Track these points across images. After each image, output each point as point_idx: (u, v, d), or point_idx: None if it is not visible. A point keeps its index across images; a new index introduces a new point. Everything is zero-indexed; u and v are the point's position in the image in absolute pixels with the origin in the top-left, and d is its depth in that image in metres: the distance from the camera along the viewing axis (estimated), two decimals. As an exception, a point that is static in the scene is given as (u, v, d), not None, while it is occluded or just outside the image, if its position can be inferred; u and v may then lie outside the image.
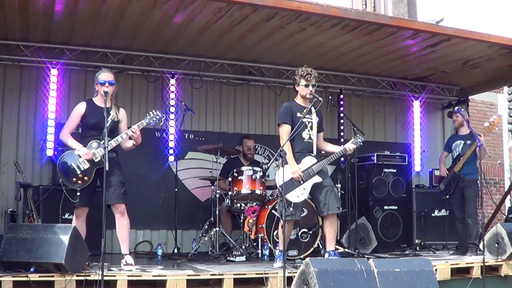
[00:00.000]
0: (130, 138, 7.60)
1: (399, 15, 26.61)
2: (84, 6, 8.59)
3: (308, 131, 8.11)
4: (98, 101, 7.69)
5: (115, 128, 7.63)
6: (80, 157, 7.39)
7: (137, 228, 10.93)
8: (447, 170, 10.38)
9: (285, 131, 8.02)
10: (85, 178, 7.40)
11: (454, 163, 10.24)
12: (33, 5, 8.59)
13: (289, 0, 8.68)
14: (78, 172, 7.39)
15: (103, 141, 7.03)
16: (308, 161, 8.00)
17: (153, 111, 7.72)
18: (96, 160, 7.40)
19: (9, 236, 6.66)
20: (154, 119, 7.68)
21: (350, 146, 8.22)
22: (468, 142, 9.96)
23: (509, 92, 18.00)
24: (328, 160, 8.14)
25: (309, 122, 8.12)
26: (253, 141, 11.13)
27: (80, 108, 7.64)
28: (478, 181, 9.97)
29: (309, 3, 9.31)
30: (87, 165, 7.41)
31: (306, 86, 8.05)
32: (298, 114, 8.04)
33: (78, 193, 7.39)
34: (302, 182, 7.93)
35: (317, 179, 7.98)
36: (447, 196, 10.23)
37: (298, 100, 8.25)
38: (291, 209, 7.85)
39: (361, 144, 8.38)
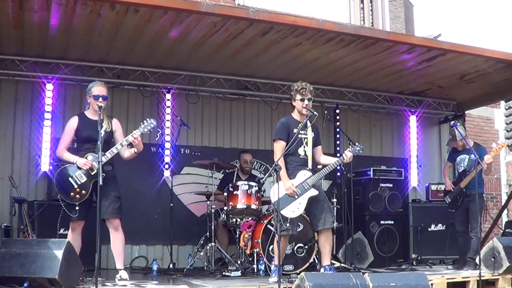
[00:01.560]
0: (131, 146, 7.57)
1: (397, 31, 26.76)
2: (79, 21, 8.59)
3: (304, 147, 8.07)
4: (90, 114, 7.71)
5: (110, 139, 7.61)
6: (79, 169, 7.39)
7: (133, 243, 10.88)
8: (452, 184, 10.38)
9: (279, 147, 7.99)
10: (83, 192, 7.39)
11: (460, 179, 10.23)
12: (28, 19, 8.58)
13: (285, 14, 8.68)
14: (76, 186, 7.37)
15: (98, 153, 7.00)
16: (303, 175, 7.97)
17: (147, 119, 7.67)
18: (92, 173, 7.38)
19: (2, 251, 6.64)
20: (149, 127, 7.61)
21: (347, 154, 8.13)
22: (473, 156, 9.86)
23: (506, 107, 17.99)
24: (325, 171, 8.07)
25: (304, 138, 8.09)
26: (250, 155, 11.10)
27: (73, 123, 7.65)
28: (483, 194, 10.00)
29: (304, 18, 9.29)
30: (84, 179, 7.41)
31: (302, 100, 8.02)
32: (295, 130, 8.00)
33: (76, 207, 7.35)
34: (297, 197, 7.89)
35: (312, 192, 7.94)
36: (454, 210, 10.25)
37: (295, 115, 8.22)
38: (288, 224, 7.82)
39: (360, 152, 8.30)
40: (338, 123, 12.58)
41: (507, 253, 8.42)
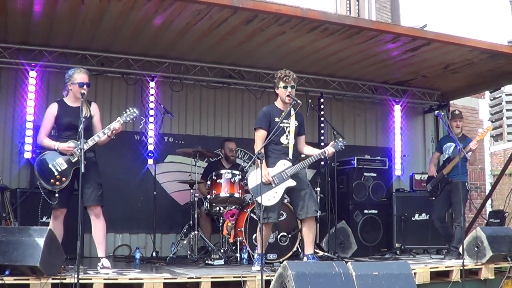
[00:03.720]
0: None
1: (383, 21, 26.76)
2: (62, 7, 8.52)
3: (286, 136, 8.05)
4: (69, 100, 7.65)
5: (90, 125, 7.57)
6: (61, 155, 7.36)
7: (116, 231, 10.87)
8: (436, 171, 10.42)
9: (260, 136, 7.98)
10: (63, 179, 7.34)
11: (444, 166, 10.28)
12: (11, 6, 8.50)
13: (269, 2, 8.64)
14: (56, 173, 7.33)
15: (79, 140, 6.95)
16: (282, 164, 7.95)
17: (130, 108, 7.63)
18: (73, 160, 7.34)
19: (-16, 239, 6.58)
20: (131, 116, 7.58)
21: (329, 149, 8.16)
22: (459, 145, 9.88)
23: (491, 98, 18.07)
24: (306, 163, 8.07)
25: (287, 127, 8.07)
26: (234, 143, 11.08)
27: (53, 109, 7.58)
28: (466, 183, 9.98)
29: (289, 6, 9.25)
30: (64, 166, 7.36)
31: (285, 87, 7.98)
32: (277, 119, 7.98)
33: (56, 195, 7.32)
34: (274, 186, 7.88)
35: (290, 183, 7.93)
36: (433, 198, 10.28)
37: (278, 104, 8.18)
38: (261, 211, 7.80)
39: (343, 147, 8.35)
40: (322, 112, 12.57)
41: (490, 243, 8.46)
